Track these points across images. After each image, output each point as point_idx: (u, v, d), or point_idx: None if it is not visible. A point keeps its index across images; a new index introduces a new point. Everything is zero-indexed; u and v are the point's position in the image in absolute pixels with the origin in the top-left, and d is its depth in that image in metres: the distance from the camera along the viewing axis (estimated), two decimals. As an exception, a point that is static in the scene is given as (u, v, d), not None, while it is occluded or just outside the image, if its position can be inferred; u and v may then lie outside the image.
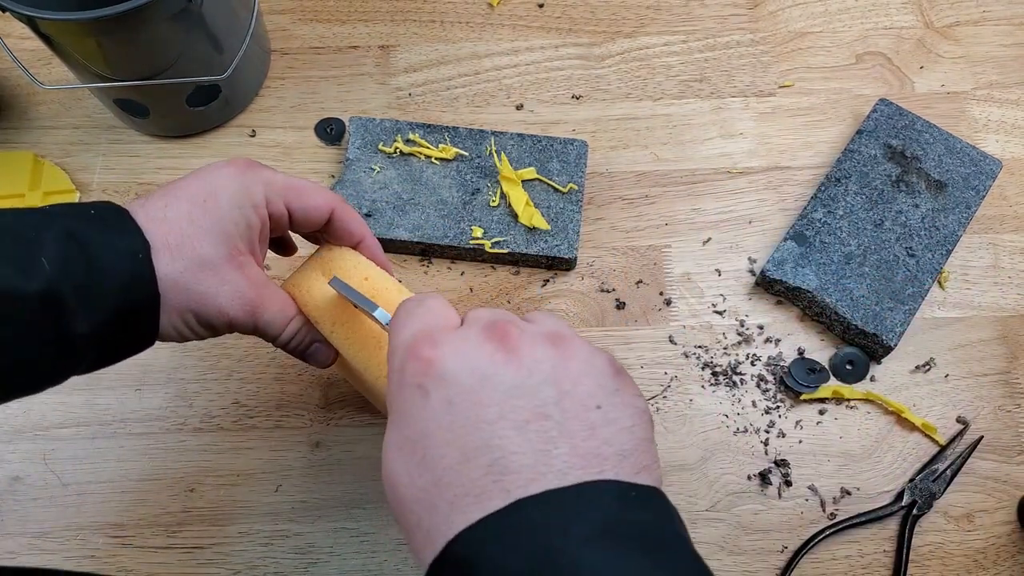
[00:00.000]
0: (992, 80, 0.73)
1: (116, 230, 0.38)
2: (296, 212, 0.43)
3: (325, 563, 0.56)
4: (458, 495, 0.28)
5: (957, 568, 0.57)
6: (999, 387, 0.62)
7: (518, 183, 0.65)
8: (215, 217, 0.40)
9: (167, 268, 0.39)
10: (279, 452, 0.59)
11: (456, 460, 0.28)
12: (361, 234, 0.46)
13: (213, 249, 0.40)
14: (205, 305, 0.40)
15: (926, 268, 0.62)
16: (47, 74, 0.72)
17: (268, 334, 0.43)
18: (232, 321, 0.41)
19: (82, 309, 0.36)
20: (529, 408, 0.29)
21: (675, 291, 0.65)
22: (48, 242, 0.36)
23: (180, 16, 0.58)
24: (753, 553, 0.57)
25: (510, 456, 0.28)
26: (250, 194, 0.41)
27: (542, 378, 0.30)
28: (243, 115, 0.71)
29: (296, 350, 0.45)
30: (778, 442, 0.60)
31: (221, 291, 0.40)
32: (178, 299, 0.39)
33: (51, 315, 0.36)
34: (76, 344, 0.37)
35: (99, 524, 0.57)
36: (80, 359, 0.38)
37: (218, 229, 0.40)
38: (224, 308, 0.40)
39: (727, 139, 0.71)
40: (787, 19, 0.76)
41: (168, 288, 0.39)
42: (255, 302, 0.42)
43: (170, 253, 0.39)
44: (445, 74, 0.73)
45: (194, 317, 0.40)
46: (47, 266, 0.35)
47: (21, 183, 0.67)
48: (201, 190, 0.41)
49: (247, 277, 0.41)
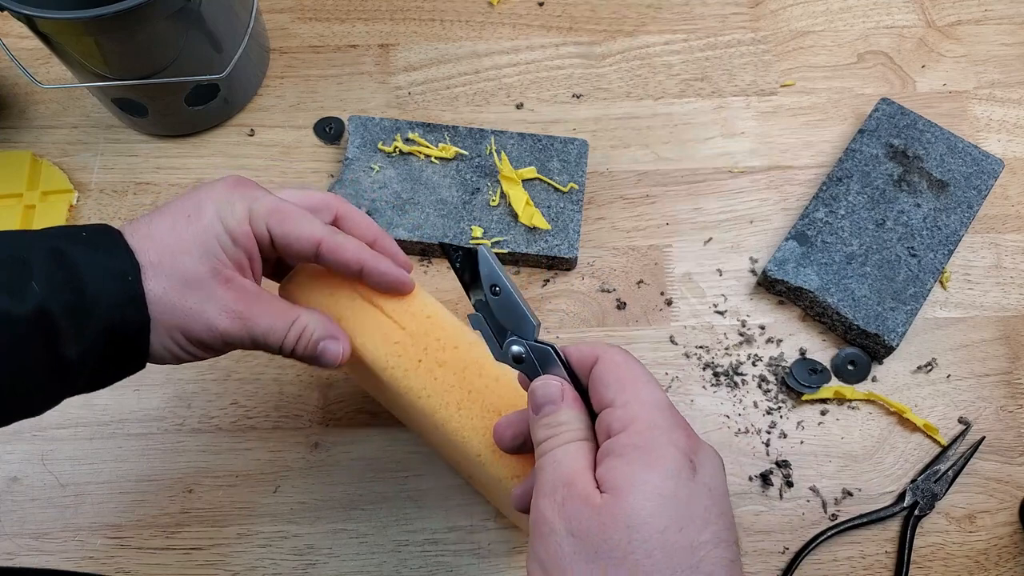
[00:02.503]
0: (994, 79, 0.73)
1: (106, 251, 0.38)
2: (277, 238, 0.41)
3: (324, 564, 0.56)
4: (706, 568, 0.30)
5: (959, 569, 0.57)
6: (1001, 387, 0.61)
7: (518, 182, 0.64)
8: (197, 230, 0.40)
9: (151, 285, 0.38)
10: (278, 453, 0.59)
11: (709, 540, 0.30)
12: (359, 262, 0.43)
13: (195, 264, 0.39)
14: (192, 321, 0.39)
15: (928, 268, 0.62)
16: (45, 73, 0.72)
17: (269, 345, 0.42)
18: (224, 336, 0.40)
19: (74, 331, 0.36)
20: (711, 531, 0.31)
21: (676, 291, 0.64)
22: (39, 265, 0.36)
23: (178, 15, 0.57)
24: (754, 554, 0.57)
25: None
26: (233, 209, 0.41)
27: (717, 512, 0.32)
28: (242, 114, 0.71)
29: (304, 356, 0.43)
30: (779, 443, 0.60)
31: (207, 307, 0.39)
32: (164, 318, 0.39)
33: (43, 338, 0.36)
34: (69, 366, 0.37)
35: (97, 525, 0.57)
36: (73, 380, 0.38)
37: (200, 243, 0.40)
38: (213, 323, 0.40)
39: (728, 138, 0.70)
40: (788, 18, 0.76)
41: (154, 306, 0.38)
42: (245, 314, 0.40)
43: (153, 270, 0.39)
44: (445, 73, 0.73)
45: (183, 335, 0.40)
46: (38, 289, 0.35)
47: (19, 183, 0.66)
48: (187, 205, 0.41)
49: (234, 290, 0.40)
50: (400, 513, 0.57)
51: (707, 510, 0.30)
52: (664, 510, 0.30)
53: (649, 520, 0.29)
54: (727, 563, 0.30)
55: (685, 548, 0.29)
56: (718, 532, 0.30)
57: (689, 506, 0.30)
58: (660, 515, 0.30)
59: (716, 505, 0.31)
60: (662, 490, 0.30)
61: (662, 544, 0.29)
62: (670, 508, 0.30)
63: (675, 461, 0.31)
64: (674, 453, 0.31)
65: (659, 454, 0.31)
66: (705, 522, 0.30)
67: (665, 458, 0.31)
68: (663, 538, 0.29)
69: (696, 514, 0.30)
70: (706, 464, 0.32)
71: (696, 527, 0.30)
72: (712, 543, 0.30)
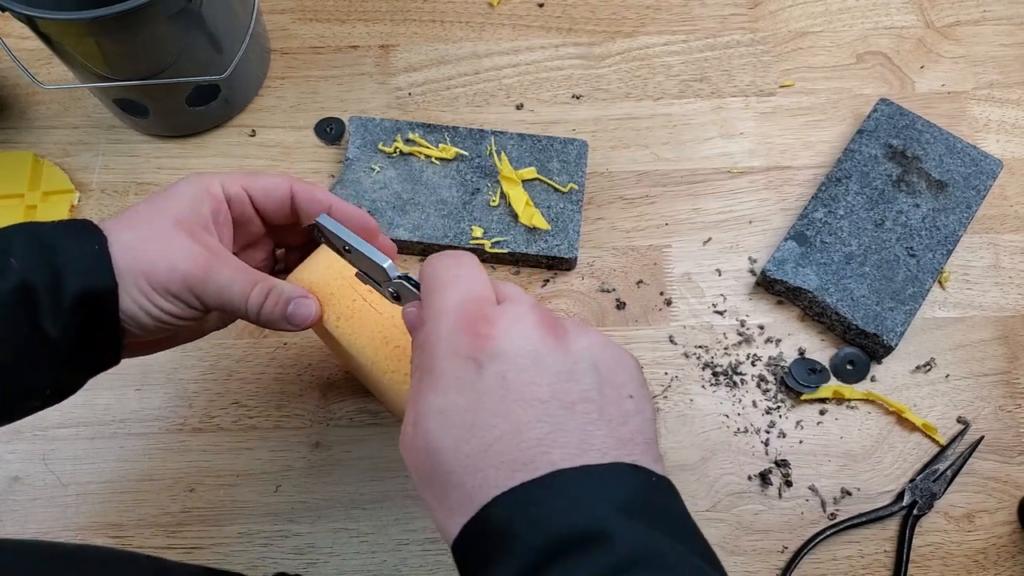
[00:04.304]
0: (993, 80, 0.73)
1: (76, 232, 0.39)
2: (253, 190, 0.44)
3: (324, 563, 0.56)
4: (506, 462, 0.30)
5: (957, 568, 0.57)
6: (1000, 387, 0.62)
7: (518, 183, 0.65)
8: (169, 199, 0.42)
9: (119, 239, 0.40)
10: (279, 452, 0.59)
11: (507, 431, 0.30)
12: (328, 200, 0.45)
13: (164, 222, 0.41)
14: (155, 264, 0.40)
15: (927, 268, 0.62)
16: (47, 74, 0.72)
17: (233, 299, 0.42)
18: (186, 277, 0.40)
19: (51, 304, 0.38)
20: (576, 391, 0.31)
21: (675, 291, 0.65)
22: (15, 244, 0.38)
23: (179, 16, 0.58)
24: (753, 553, 0.57)
25: (559, 433, 0.30)
26: (203, 181, 0.43)
27: (587, 365, 0.32)
28: (243, 115, 0.71)
29: (273, 316, 0.43)
30: (778, 442, 0.60)
31: (170, 249, 0.40)
32: (129, 264, 0.39)
33: (26, 312, 0.37)
34: (50, 343, 0.38)
35: (99, 524, 0.57)
36: (56, 359, 0.39)
37: (172, 209, 0.42)
38: (174, 263, 0.40)
39: (727, 139, 0.71)
40: (787, 19, 0.76)
41: (120, 258, 0.39)
42: (208, 260, 0.41)
43: (124, 228, 0.40)
44: (445, 74, 0.73)
45: (147, 281, 0.40)
46: (17, 266, 0.37)
47: (21, 183, 0.67)
48: (160, 192, 0.43)
49: (198, 241, 0.41)
50: (401, 512, 0.57)
51: (502, 400, 0.31)
52: (448, 427, 0.31)
53: (440, 442, 0.31)
54: (532, 445, 0.30)
55: (479, 452, 0.30)
56: (518, 419, 0.30)
57: (476, 410, 0.31)
58: (447, 433, 0.31)
59: (513, 391, 0.31)
60: (442, 406, 0.31)
61: (457, 459, 0.30)
62: (454, 421, 0.31)
63: (453, 371, 0.32)
64: (451, 364, 0.32)
65: (438, 370, 0.32)
66: (494, 414, 0.31)
67: (444, 373, 0.32)
68: (457, 453, 0.31)
69: (485, 414, 0.31)
70: (498, 356, 0.32)
71: (486, 427, 0.30)
72: (512, 432, 0.30)
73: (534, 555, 0.28)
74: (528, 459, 0.30)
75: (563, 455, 0.30)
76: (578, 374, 0.32)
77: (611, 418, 0.31)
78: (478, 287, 0.35)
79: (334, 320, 0.44)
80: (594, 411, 0.31)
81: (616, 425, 0.31)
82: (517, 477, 0.29)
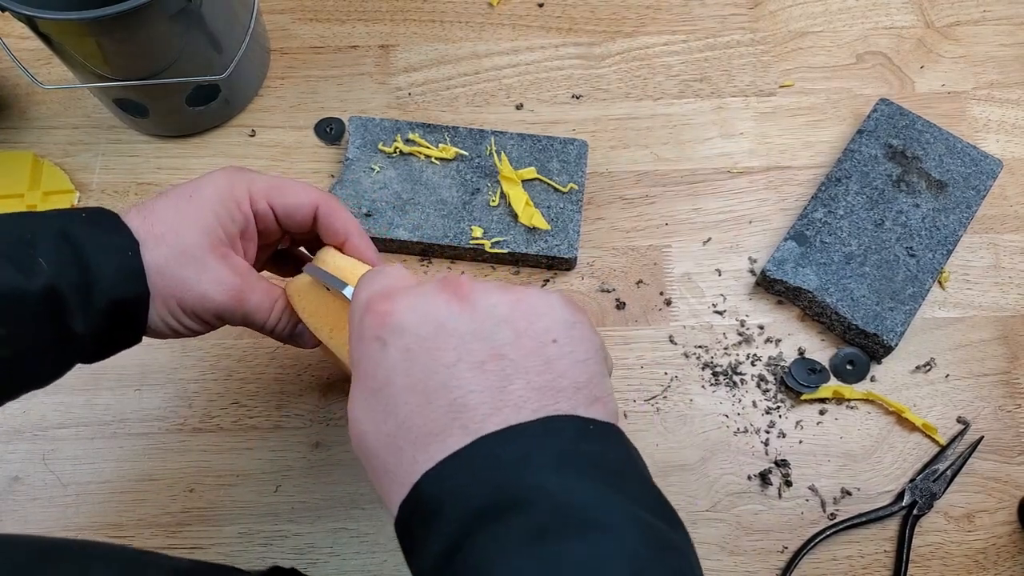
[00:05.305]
0: (992, 80, 0.73)
1: (105, 230, 0.39)
2: (278, 209, 0.44)
3: (325, 563, 0.56)
4: (420, 436, 0.29)
5: (957, 568, 0.57)
6: (999, 387, 0.62)
7: (518, 183, 0.65)
8: (198, 208, 0.42)
9: (151, 256, 0.40)
10: (279, 452, 0.59)
11: (417, 404, 0.30)
12: (346, 232, 0.45)
13: (195, 239, 0.41)
14: (188, 291, 0.41)
15: (926, 268, 0.62)
16: (47, 74, 0.72)
17: (255, 320, 0.44)
18: (218, 309, 0.42)
19: (80, 306, 0.38)
20: (485, 350, 0.30)
21: (675, 291, 0.65)
22: (44, 243, 0.37)
23: (179, 16, 0.58)
24: (753, 553, 0.57)
25: (468, 395, 0.29)
26: (233, 191, 0.43)
27: (497, 321, 0.31)
28: (243, 115, 0.71)
29: (283, 334, 0.46)
30: (778, 442, 0.60)
31: (203, 278, 0.41)
32: (163, 287, 0.40)
33: (53, 313, 0.37)
34: (75, 338, 0.38)
35: (98, 524, 0.57)
36: (79, 351, 0.40)
37: (201, 220, 0.41)
38: (208, 294, 0.41)
39: (727, 139, 0.71)
40: (787, 19, 0.76)
41: (153, 276, 0.40)
42: (239, 287, 0.42)
43: (155, 242, 0.40)
44: (445, 74, 0.73)
45: (178, 305, 0.41)
46: (46, 267, 0.37)
47: (21, 183, 0.67)
48: (187, 188, 0.43)
49: (229, 266, 0.42)
50: (400, 512, 0.57)
51: (408, 373, 0.31)
52: (368, 411, 0.31)
53: (364, 426, 0.31)
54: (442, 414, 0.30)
55: (397, 430, 0.30)
56: (425, 389, 0.30)
57: (388, 388, 0.31)
58: (368, 417, 0.31)
59: (419, 362, 0.30)
60: (362, 392, 0.32)
61: (380, 441, 0.31)
62: (372, 404, 0.31)
63: (364, 354, 0.32)
64: (362, 348, 0.32)
65: (355, 358, 0.33)
66: (404, 388, 0.30)
67: (359, 359, 0.32)
68: (379, 435, 0.31)
69: (396, 390, 0.31)
70: (399, 329, 0.31)
71: (399, 403, 0.30)
72: (422, 403, 0.30)
73: (457, 528, 0.27)
74: (439, 428, 0.29)
75: (475, 417, 0.29)
76: (487, 332, 0.31)
77: (527, 369, 0.30)
78: (394, 280, 0.35)
79: (327, 332, 0.45)
80: (508, 366, 0.30)
81: (535, 375, 0.30)
82: (433, 449, 0.29)
